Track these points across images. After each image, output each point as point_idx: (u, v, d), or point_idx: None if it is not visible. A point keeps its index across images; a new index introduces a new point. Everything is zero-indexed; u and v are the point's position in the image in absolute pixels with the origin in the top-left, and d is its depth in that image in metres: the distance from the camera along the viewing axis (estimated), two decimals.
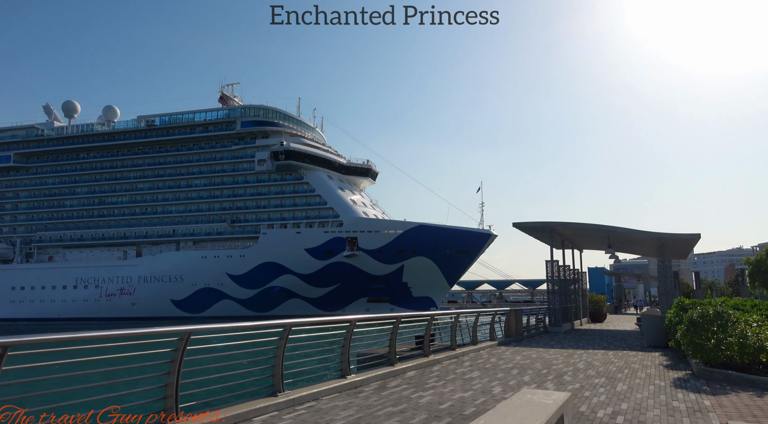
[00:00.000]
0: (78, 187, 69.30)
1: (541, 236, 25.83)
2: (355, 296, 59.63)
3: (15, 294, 66.15)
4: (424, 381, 10.06)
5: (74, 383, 5.97)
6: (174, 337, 6.24)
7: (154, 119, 68.42)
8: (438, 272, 59.76)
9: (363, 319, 10.35)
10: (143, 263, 63.37)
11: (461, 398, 8.33)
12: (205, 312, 60.27)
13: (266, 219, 62.87)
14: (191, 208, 65.67)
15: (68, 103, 74.77)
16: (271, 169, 63.14)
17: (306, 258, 58.97)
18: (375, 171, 70.48)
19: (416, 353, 12.99)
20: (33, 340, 4.95)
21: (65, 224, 68.81)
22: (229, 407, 6.80)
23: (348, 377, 9.36)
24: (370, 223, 60.38)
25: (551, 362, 13.05)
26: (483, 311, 18.52)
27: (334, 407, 7.63)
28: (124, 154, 68.53)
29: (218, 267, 60.44)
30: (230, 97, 69.73)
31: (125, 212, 67.23)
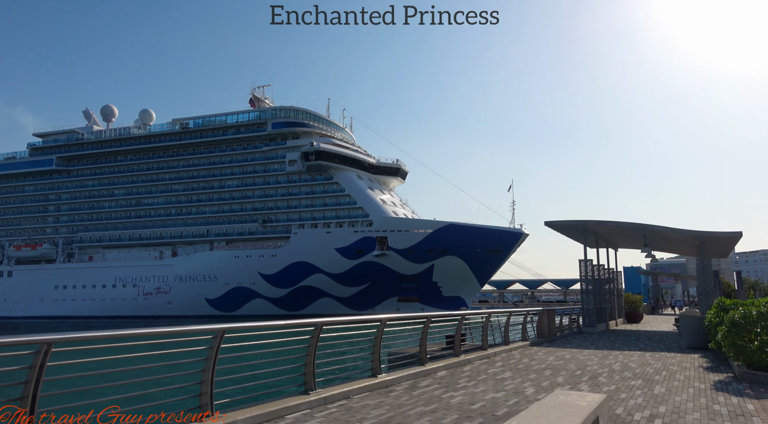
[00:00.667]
0: (116, 189, 71.38)
1: (575, 234, 25.36)
2: (385, 296, 59.72)
3: (58, 293, 68.57)
4: (455, 381, 10.01)
5: (113, 379, 6.16)
6: (208, 335, 6.37)
7: (188, 122, 69.95)
8: (468, 271, 59.32)
9: (393, 318, 10.35)
10: (178, 263, 64.82)
11: (493, 399, 8.25)
12: (238, 311, 61.31)
13: (297, 219, 63.54)
14: (224, 209, 66.88)
15: (106, 108, 77.07)
16: (302, 169, 63.77)
17: (336, 258, 59.36)
18: (404, 170, 70.43)
19: (447, 353, 12.92)
20: (75, 337, 5.12)
21: (104, 224, 70.96)
22: (262, 405, 6.90)
23: (379, 376, 9.38)
24: (399, 222, 60.37)
25: (585, 363, 12.80)
26: (515, 310, 18.30)
27: (365, 406, 7.66)
28: (159, 157, 70.26)
29: (250, 267, 61.38)
30: (261, 99, 70.70)
31: (161, 212, 68.92)
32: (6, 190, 75.76)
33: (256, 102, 70.40)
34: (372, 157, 67.90)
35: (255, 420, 6.44)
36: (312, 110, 67.35)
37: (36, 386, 4.69)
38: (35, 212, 74.15)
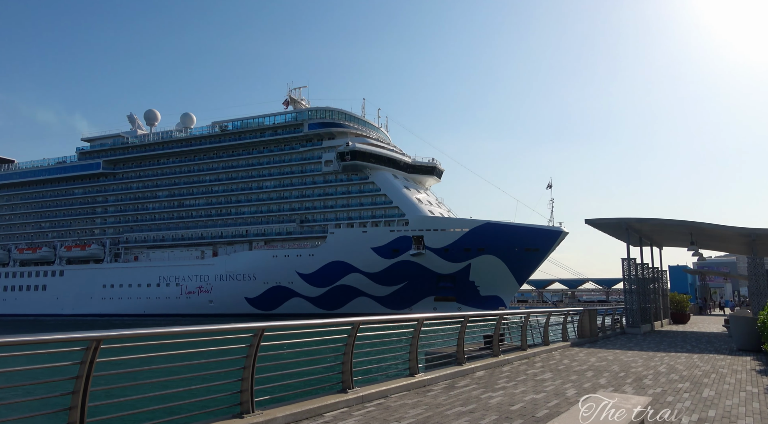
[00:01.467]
0: (159, 191, 73.59)
1: (617, 232, 24.68)
2: (421, 295, 59.57)
3: (105, 291, 71.20)
4: (493, 381, 9.89)
5: (159, 376, 6.34)
6: (248, 333, 6.49)
7: (227, 124, 71.48)
8: (506, 270, 58.55)
9: (430, 318, 10.31)
10: (219, 262, 66.32)
11: (533, 400, 8.11)
12: (276, 309, 62.28)
13: (333, 219, 64.07)
14: (262, 209, 68.05)
15: (149, 112, 79.53)
16: (338, 169, 64.25)
17: (373, 257, 59.57)
18: (440, 169, 70.07)
19: (485, 353, 12.79)
20: (123, 334, 5.30)
21: (148, 225, 73.26)
22: (301, 403, 6.98)
23: (416, 376, 9.36)
24: (435, 221, 60.10)
25: (629, 365, 12.44)
26: (554, 310, 17.96)
27: (402, 406, 7.65)
28: (200, 159, 72.05)
29: (288, 266, 62.25)
30: (297, 101, 71.59)
31: (202, 213, 70.67)
32: (57, 193, 79.18)
33: (293, 103, 71.33)
34: (407, 157, 67.83)
35: (294, 418, 6.52)
36: (347, 110, 67.80)
37: (87, 380, 4.87)
38: (84, 213, 77.18)
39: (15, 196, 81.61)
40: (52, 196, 79.36)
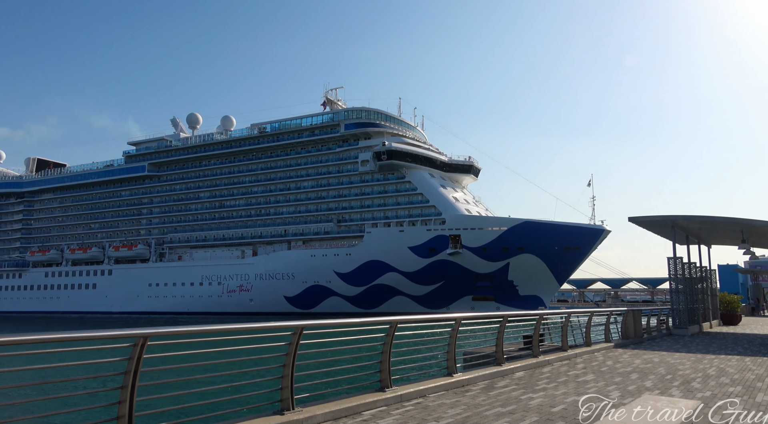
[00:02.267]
0: (201, 192, 75.57)
1: (662, 230, 23.89)
2: (459, 294, 59.18)
3: (151, 290, 73.61)
4: (533, 382, 9.74)
5: (201, 372, 6.52)
6: (288, 331, 6.59)
7: (265, 126, 72.79)
8: (546, 269, 57.52)
9: (468, 317, 10.24)
10: (259, 262, 67.59)
11: (575, 402, 7.94)
12: (315, 308, 63.01)
13: (370, 218, 64.34)
14: (300, 209, 68.98)
15: (191, 116, 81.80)
16: (374, 169, 64.50)
17: (410, 256, 59.54)
18: (477, 167, 69.43)
19: (525, 354, 12.61)
20: (168, 331, 5.48)
21: (191, 226, 75.33)
22: (340, 401, 7.05)
23: (455, 376, 9.31)
24: (473, 220, 59.58)
25: (676, 367, 12.03)
26: (597, 310, 17.54)
27: (441, 405, 7.63)
28: (240, 160, 73.62)
29: (326, 265, 62.88)
30: (334, 101, 72.23)
31: (242, 213, 72.19)
32: (105, 196, 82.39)
33: (330, 104, 72.01)
34: (444, 155, 67.48)
35: (333, 415, 6.59)
36: (383, 110, 67.97)
37: (134, 376, 5.06)
38: (130, 214, 80.00)
39: (67, 199, 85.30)
40: (101, 198, 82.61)
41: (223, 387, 6.44)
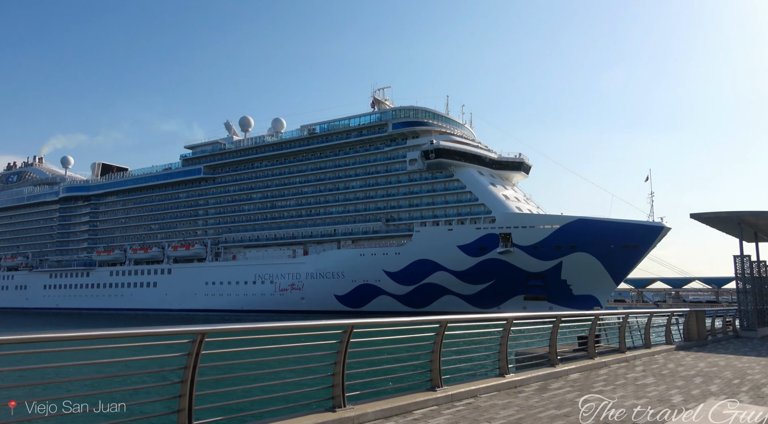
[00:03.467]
0: (254, 193, 77.63)
1: (727, 227, 22.64)
2: (510, 294, 58.18)
3: (207, 288, 76.23)
4: (589, 385, 9.45)
5: (255, 368, 6.69)
6: (338, 330, 6.67)
7: (314, 127, 73.95)
8: (601, 268, 55.71)
9: (520, 317, 10.06)
10: (309, 261, 68.75)
11: (634, 406, 7.65)
12: (364, 307, 63.49)
13: (419, 217, 64.22)
14: (349, 209, 69.67)
15: (244, 119, 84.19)
16: (422, 168, 64.34)
17: (459, 255, 59.03)
18: (528, 164, 68.05)
19: (579, 355, 12.27)
20: (225, 329, 5.66)
21: (244, 226, 77.51)
22: (391, 399, 7.07)
23: (506, 376, 9.16)
24: (524, 218, 58.42)
25: (745, 372, 11.38)
26: (657, 311, 16.84)
27: (493, 406, 7.52)
28: (290, 162, 75.14)
29: (375, 264, 63.23)
30: (381, 101, 72.53)
31: (293, 214, 73.65)
32: (164, 198, 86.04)
33: (377, 104, 72.35)
34: (493, 153, 66.51)
35: (384, 414, 6.61)
36: (431, 108, 67.67)
37: (193, 371, 5.25)
38: (188, 215, 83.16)
39: (129, 201, 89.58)
40: (160, 200, 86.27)
41: (276, 383, 6.58)
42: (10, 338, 4.29)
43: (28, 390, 12.51)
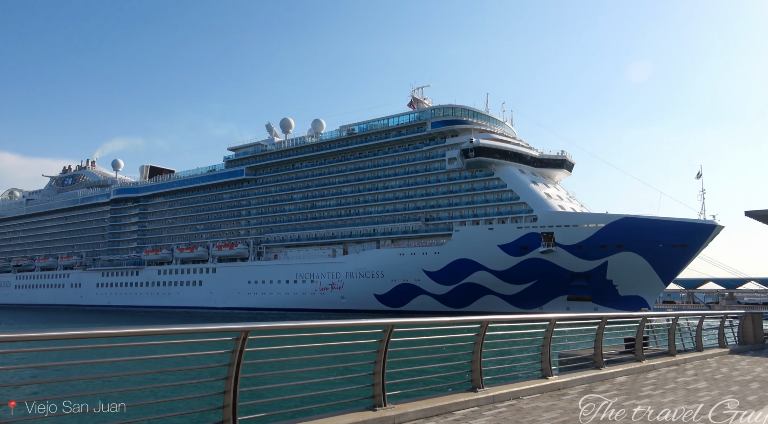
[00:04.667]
0: (294, 194, 78.83)
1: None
2: (553, 294, 57.03)
3: (251, 287, 77.88)
4: (637, 388, 9.16)
5: (297, 366, 6.79)
6: (379, 329, 6.68)
7: (353, 128, 74.45)
8: (649, 268, 53.91)
9: (564, 317, 9.84)
10: (349, 260, 69.26)
11: (684, 411, 7.36)
12: (404, 306, 63.49)
13: (458, 216, 63.74)
14: (388, 209, 69.81)
15: (284, 121, 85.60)
16: (462, 166, 63.82)
17: (499, 254, 58.27)
18: (570, 162, 66.51)
19: (626, 358, 11.91)
20: (268, 326, 5.77)
21: (285, 226, 78.79)
22: (431, 399, 7.04)
23: (550, 378, 8.98)
24: (566, 217, 57.16)
25: None
26: (709, 313, 16.18)
27: (536, 408, 7.39)
28: (330, 162, 75.92)
29: (415, 264, 63.12)
30: (420, 100, 72.33)
31: (332, 213, 74.38)
32: (209, 199, 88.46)
33: (416, 103, 72.20)
34: (535, 150, 65.34)
35: (424, 414, 6.59)
36: (470, 106, 67.05)
37: (237, 368, 5.37)
38: (231, 216, 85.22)
39: (175, 202, 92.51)
40: (205, 201, 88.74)
41: (317, 381, 6.65)
42: (71, 333, 4.51)
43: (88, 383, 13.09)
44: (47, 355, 20.19)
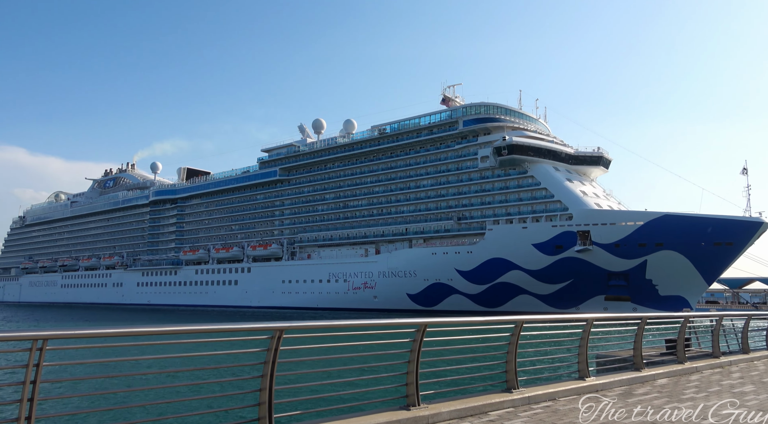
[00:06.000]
0: (327, 194, 79.45)
1: None
2: (589, 294, 55.84)
3: (284, 286, 78.90)
4: (679, 391, 8.88)
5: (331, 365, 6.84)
6: (412, 328, 6.67)
7: (385, 127, 74.53)
8: (691, 267, 52.20)
9: (602, 318, 9.64)
10: (381, 260, 69.39)
11: (730, 415, 7.10)
12: (437, 306, 63.21)
13: (491, 215, 63.08)
14: (420, 208, 69.63)
15: (316, 122, 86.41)
16: (494, 165, 63.13)
17: (534, 253, 57.40)
18: (607, 158, 64.98)
19: (668, 359, 11.56)
20: (302, 325, 5.84)
21: (318, 226, 79.51)
22: (465, 399, 6.98)
23: (587, 380, 8.80)
24: (603, 214, 55.86)
25: None
26: (756, 313, 15.55)
27: (573, 410, 7.24)
28: (361, 162, 76.22)
29: (447, 263, 62.78)
30: (452, 99, 71.87)
31: (365, 213, 74.64)
32: (243, 199, 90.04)
33: (448, 102, 71.78)
34: (569, 147, 64.10)
35: (459, 414, 6.54)
36: (503, 104, 66.26)
37: (273, 366, 5.44)
38: (265, 216, 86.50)
39: (211, 203, 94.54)
40: (240, 201, 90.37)
41: (351, 380, 6.69)
42: (120, 331, 4.67)
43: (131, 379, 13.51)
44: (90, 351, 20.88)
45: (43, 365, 4.27)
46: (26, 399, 4.20)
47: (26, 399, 4.20)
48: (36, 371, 4.24)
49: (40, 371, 4.25)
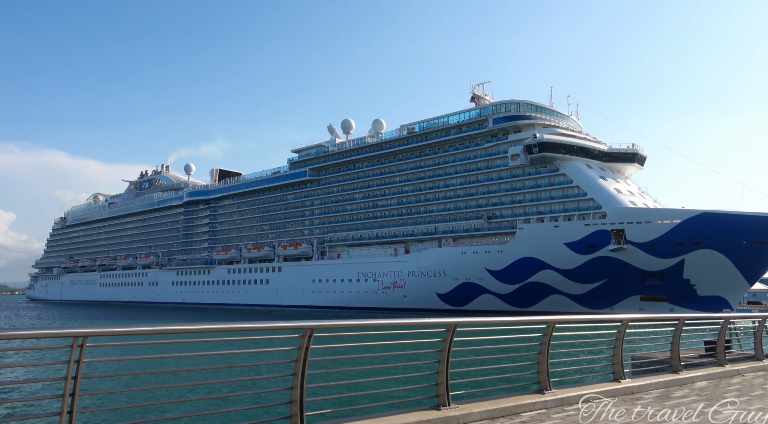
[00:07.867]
0: (356, 194, 79.79)
1: None
2: (624, 294, 54.60)
3: (314, 285, 79.61)
4: (719, 394, 8.59)
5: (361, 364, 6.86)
6: (442, 328, 6.64)
7: (413, 127, 74.40)
8: (731, 267, 50.51)
9: (637, 318, 9.43)
10: (411, 259, 69.31)
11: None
12: (467, 306, 62.79)
13: (522, 214, 62.29)
14: (450, 207, 69.26)
15: (345, 122, 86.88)
16: (525, 163, 62.31)
17: (566, 253, 56.43)
18: (642, 155, 63.39)
19: (707, 361, 11.22)
20: (333, 324, 5.87)
21: (347, 226, 79.93)
22: (497, 400, 6.92)
23: (622, 381, 8.61)
24: (638, 213, 54.53)
25: None
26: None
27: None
28: (390, 161, 76.28)
29: (477, 262, 62.29)
30: (481, 97, 71.25)
31: (394, 212, 74.68)
32: (274, 199, 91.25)
33: (477, 100, 71.21)
34: (603, 144, 62.79)
35: (490, 414, 6.49)
36: (533, 101, 65.36)
37: (304, 364, 5.49)
38: (295, 216, 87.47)
39: (243, 204, 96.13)
40: (270, 202, 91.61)
41: (381, 379, 6.69)
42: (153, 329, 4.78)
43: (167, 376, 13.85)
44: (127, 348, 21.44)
45: (84, 361, 4.41)
46: (68, 394, 4.35)
47: (68, 394, 4.35)
48: (77, 368, 4.38)
49: (81, 367, 4.39)
